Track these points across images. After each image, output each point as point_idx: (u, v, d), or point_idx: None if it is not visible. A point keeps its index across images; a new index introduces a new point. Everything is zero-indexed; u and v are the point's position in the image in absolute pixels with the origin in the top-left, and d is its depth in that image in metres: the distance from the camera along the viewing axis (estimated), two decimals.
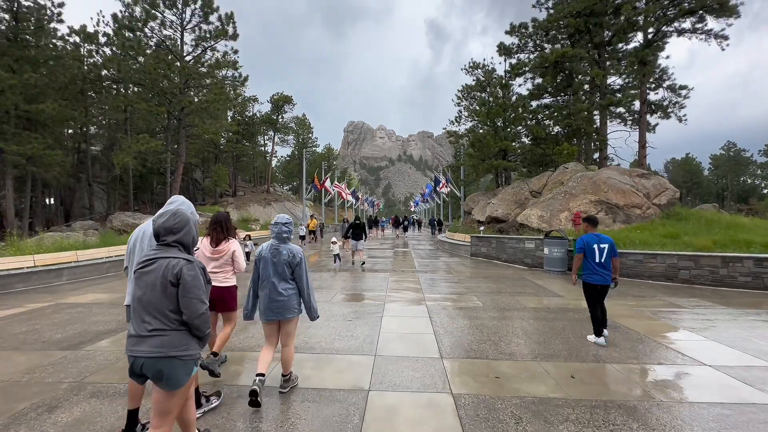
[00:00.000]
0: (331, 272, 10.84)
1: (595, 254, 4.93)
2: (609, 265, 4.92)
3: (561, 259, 10.66)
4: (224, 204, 31.60)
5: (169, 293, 1.96)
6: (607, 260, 4.90)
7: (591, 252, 4.95)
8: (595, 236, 5.03)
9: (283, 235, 3.34)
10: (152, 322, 1.94)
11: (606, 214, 13.28)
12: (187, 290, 1.95)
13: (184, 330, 2.00)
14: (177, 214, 2.11)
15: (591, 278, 4.97)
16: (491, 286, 8.85)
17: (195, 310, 1.96)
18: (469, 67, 26.15)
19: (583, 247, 5.01)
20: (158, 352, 1.90)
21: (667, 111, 21.78)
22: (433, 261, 13.70)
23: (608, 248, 4.92)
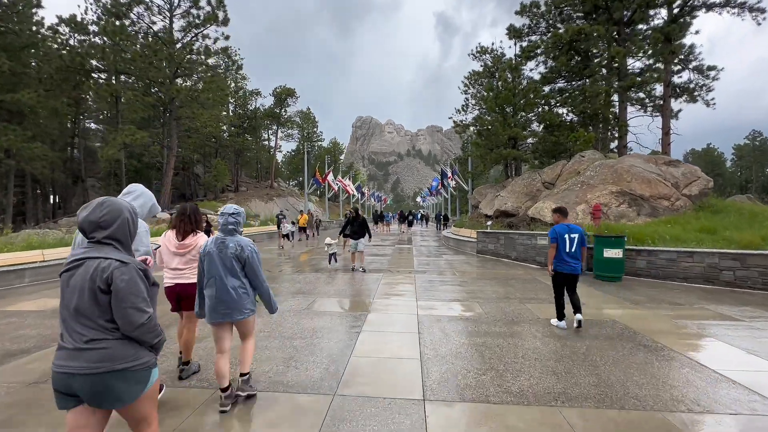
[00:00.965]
0: (316, 273, 9.72)
1: (566, 244, 5.03)
2: (579, 255, 5.07)
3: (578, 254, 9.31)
4: (224, 199, 30.83)
5: (101, 301, 1.67)
6: (577, 250, 5.05)
7: (563, 242, 5.05)
8: (566, 226, 5.12)
9: (230, 227, 3.02)
10: (87, 333, 1.66)
11: (629, 206, 11.84)
12: (120, 299, 1.66)
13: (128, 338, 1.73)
14: (105, 205, 1.74)
15: (562, 267, 5.09)
16: (498, 290, 7.61)
17: (132, 322, 1.68)
18: (476, 52, 24.65)
19: (556, 237, 5.09)
20: (98, 367, 1.62)
21: (694, 94, 19.97)
22: (434, 259, 12.48)
23: (578, 238, 5.04)
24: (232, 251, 2.96)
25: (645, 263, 8.86)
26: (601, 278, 8.66)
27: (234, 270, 2.98)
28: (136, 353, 1.72)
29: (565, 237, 5.05)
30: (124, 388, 1.67)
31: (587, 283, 8.35)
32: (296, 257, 13.34)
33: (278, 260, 12.47)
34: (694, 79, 20.14)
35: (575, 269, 5.05)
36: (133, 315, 1.67)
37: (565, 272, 5.09)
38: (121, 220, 1.75)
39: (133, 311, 1.67)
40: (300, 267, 10.90)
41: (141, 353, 1.74)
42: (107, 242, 1.73)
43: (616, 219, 11.71)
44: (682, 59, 20.02)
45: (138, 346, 1.74)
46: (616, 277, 8.51)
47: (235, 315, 2.98)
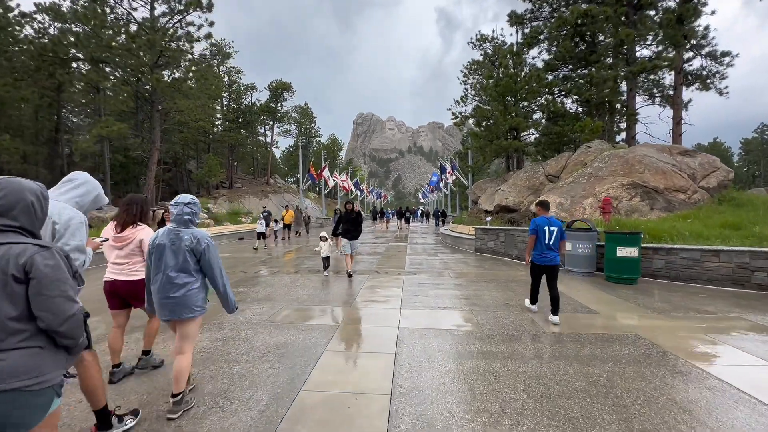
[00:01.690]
0: (293, 275, 8.76)
1: (545, 236, 5.10)
2: (557, 247, 5.14)
3: (588, 257, 8.32)
4: (216, 196, 29.93)
5: (12, 294, 1.40)
6: (555, 242, 5.12)
7: (542, 234, 5.11)
8: (546, 219, 5.20)
9: (185, 218, 2.82)
10: None
11: (641, 199, 10.82)
12: (44, 285, 1.43)
13: (33, 347, 1.44)
14: (1, 186, 1.50)
15: (540, 259, 5.17)
16: (495, 295, 6.63)
17: (61, 312, 1.46)
18: (476, 41, 23.55)
19: (536, 229, 5.16)
20: None
21: (707, 82, 18.85)
22: (428, 258, 11.50)
23: (557, 231, 5.12)
24: (187, 243, 2.74)
25: (663, 263, 7.85)
26: (613, 280, 7.67)
27: (186, 264, 2.77)
28: (39, 366, 1.45)
29: (545, 229, 5.13)
30: (14, 413, 1.37)
31: (598, 285, 7.36)
32: (277, 258, 12.39)
33: (256, 260, 11.52)
34: (707, 66, 19.01)
35: (553, 260, 5.15)
36: (63, 304, 1.48)
37: (542, 263, 5.19)
38: (23, 204, 1.53)
39: (63, 300, 1.48)
40: (278, 268, 9.94)
41: (45, 366, 1.47)
42: (8, 229, 1.49)
43: (627, 214, 10.69)
44: (695, 45, 18.88)
45: (42, 357, 1.46)
46: (631, 279, 7.52)
47: (183, 313, 2.76)
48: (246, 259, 11.78)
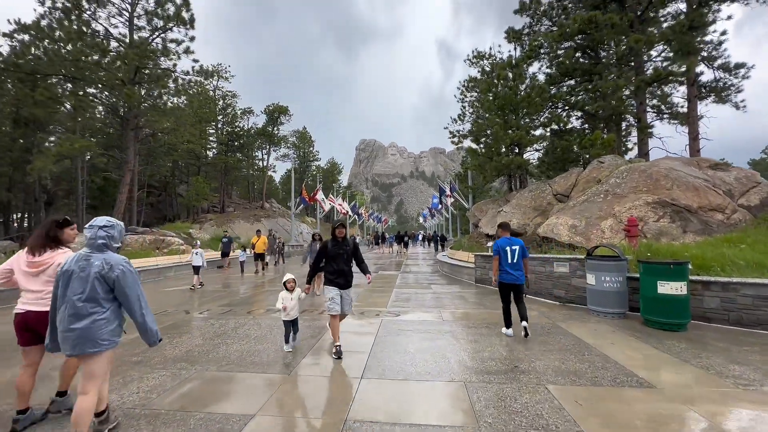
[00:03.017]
0: (238, 318, 6.97)
1: (507, 256, 5.35)
2: (520, 266, 5.37)
3: (618, 294, 6.50)
4: (202, 220, 28.43)
5: None
6: (518, 261, 5.35)
7: (504, 254, 5.37)
8: (507, 240, 5.46)
9: (98, 242, 2.64)
10: None
11: (671, 220, 9.08)
12: None
13: None
14: None
15: (505, 278, 5.37)
16: (500, 352, 4.80)
17: None
18: (473, 58, 22.63)
19: (498, 250, 5.43)
20: None
21: (722, 94, 17.51)
22: (419, 293, 9.66)
23: (519, 250, 5.38)
24: (97, 270, 2.55)
25: (719, 302, 6.02)
26: (654, 325, 5.82)
27: (94, 293, 2.54)
28: None
29: (506, 249, 5.37)
30: None
31: (636, 333, 5.51)
32: (234, 293, 10.60)
33: (195, 300, 9.75)
34: (720, 78, 17.74)
35: (517, 279, 5.34)
36: None
37: (507, 282, 5.36)
38: None
39: None
40: (228, 310, 8.16)
41: None
42: None
43: (654, 237, 8.94)
44: (706, 57, 17.72)
45: None
46: (679, 325, 5.67)
47: (86, 347, 2.51)
48: (186, 298, 10.00)
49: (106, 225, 2.69)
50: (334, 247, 4.80)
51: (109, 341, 2.59)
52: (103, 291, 2.56)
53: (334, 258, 4.78)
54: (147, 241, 16.40)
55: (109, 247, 2.69)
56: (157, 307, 7.93)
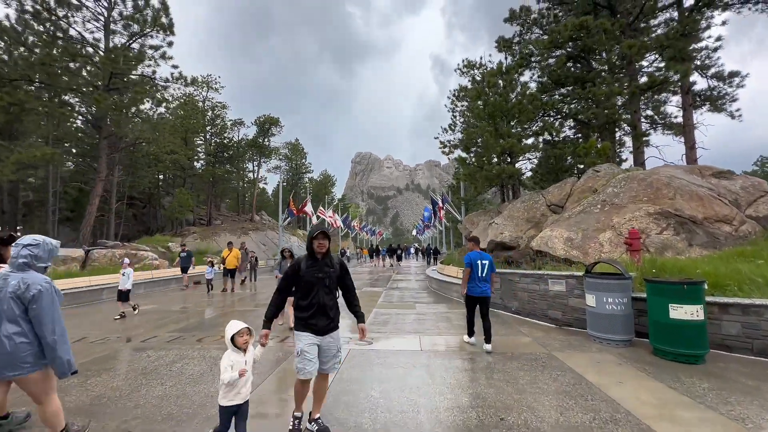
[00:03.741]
0: (184, 348, 6.01)
1: (478, 269, 5.50)
2: (489, 279, 5.56)
3: (623, 317, 5.64)
4: (185, 233, 27.35)
5: None
6: (487, 275, 5.54)
7: (476, 267, 5.51)
8: (479, 254, 5.65)
9: (20, 261, 2.56)
10: None
11: (675, 232, 8.31)
12: None
13: None
14: None
15: (474, 291, 5.52)
16: (485, 394, 3.90)
17: None
18: (464, 67, 22.21)
19: (470, 263, 5.56)
20: None
21: (717, 103, 17.10)
22: (400, 314, 8.73)
23: (488, 264, 5.56)
24: (12, 290, 2.49)
25: (739, 328, 5.18)
26: (667, 356, 4.96)
27: (11, 313, 2.47)
28: None
29: (477, 263, 5.53)
30: None
31: (646, 366, 4.63)
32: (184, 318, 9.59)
33: (146, 325, 8.75)
34: (714, 86, 17.37)
35: (485, 292, 5.51)
36: None
37: (476, 295, 5.53)
38: None
39: None
40: (177, 337, 7.18)
41: None
42: None
43: (658, 251, 8.15)
44: (699, 66, 17.39)
45: None
46: (696, 357, 4.80)
47: (7, 370, 2.45)
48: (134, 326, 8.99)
49: (30, 243, 2.63)
50: (310, 268, 3.06)
51: (32, 364, 2.50)
52: (20, 311, 2.48)
53: (310, 285, 3.04)
54: (117, 255, 15.34)
55: (32, 266, 2.62)
56: (99, 334, 6.94)
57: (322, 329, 3.06)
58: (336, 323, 3.19)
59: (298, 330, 3.08)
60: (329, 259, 3.19)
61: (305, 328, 3.05)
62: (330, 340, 3.11)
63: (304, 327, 3.05)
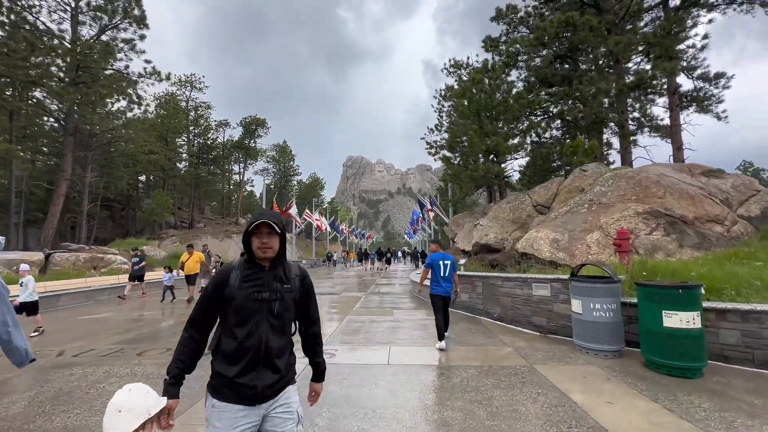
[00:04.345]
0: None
1: (441, 269, 5.75)
2: (451, 279, 5.84)
3: (612, 325, 5.10)
4: (163, 236, 26.32)
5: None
6: (449, 275, 5.79)
7: (438, 267, 5.77)
8: (441, 254, 5.88)
9: None
10: None
11: (666, 233, 7.86)
12: None
13: None
14: None
15: (437, 290, 5.78)
16: (452, 420, 3.28)
17: None
18: (450, 67, 21.86)
19: (432, 263, 5.82)
20: None
21: (704, 104, 16.95)
22: (376, 320, 8.11)
23: (450, 264, 5.80)
24: None
25: (738, 336, 4.67)
26: (661, 369, 4.42)
27: None
28: None
29: (440, 263, 5.77)
30: None
31: (638, 382, 4.07)
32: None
33: (86, 338, 7.96)
34: (701, 87, 17.24)
35: (448, 291, 5.80)
36: None
37: (440, 294, 5.77)
38: None
39: None
40: (118, 349, 6.43)
41: None
42: None
43: (648, 252, 7.69)
44: (685, 67, 17.26)
45: None
46: (694, 370, 4.27)
47: None
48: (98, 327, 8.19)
49: None
50: (247, 282, 1.71)
51: None
52: None
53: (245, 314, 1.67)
54: (82, 259, 14.40)
55: None
56: (33, 346, 6.13)
57: (264, 393, 1.63)
58: (289, 379, 1.76)
59: (215, 398, 1.63)
60: (284, 270, 1.81)
61: (230, 394, 1.61)
62: (281, 412, 1.69)
63: (229, 391, 1.61)
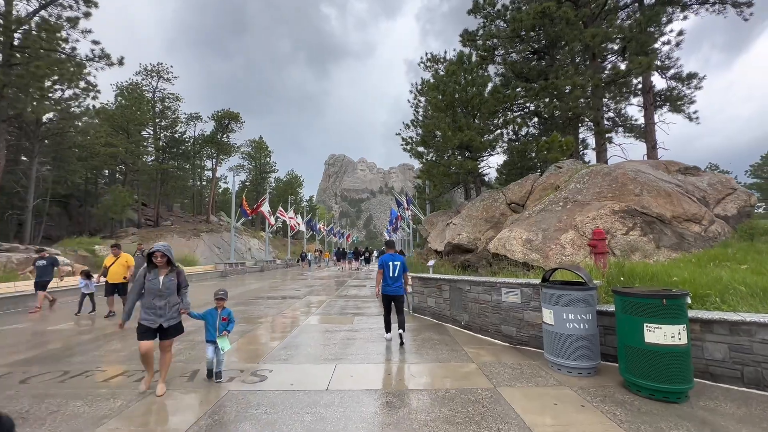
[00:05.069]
0: None
1: (389, 270, 5.93)
2: (400, 279, 6.01)
3: (586, 338, 4.46)
4: (121, 235, 24.56)
5: None
6: (399, 275, 5.98)
7: (387, 268, 5.93)
8: (391, 256, 6.04)
9: None
10: None
11: (642, 233, 7.38)
12: None
13: None
14: None
15: (386, 290, 5.95)
16: None
17: None
18: (427, 61, 21.19)
19: (382, 264, 5.99)
20: None
21: (677, 103, 16.95)
22: (331, 329, 7.27)
23: (400, 265, 5.99)
24: None
25: (725, 351, 4.11)
26: (642, 391, 3.80)
27: None
28: None
29: (389, 264, 5.93)
30: None
31: (614, 405, 3.41)
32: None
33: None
34: (673, 87, 17.24)
35: (397, 291, 5.94)
36: None
37: (388, 294, 5.95)
38: None
39: None
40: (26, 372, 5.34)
41: None
42: None
43: (624, 253, 7.18)
44: (659, 66, 17.20)
45: None
46: (678, 393, 3.65)
47: None
48: None
49: None
50: None
51: None
52: None
53: None
54: (14, 260, 12.89)
55: None
56: None
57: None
58: None
59: None
60: None
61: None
62: None
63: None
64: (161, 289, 3.90)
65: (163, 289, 3.91)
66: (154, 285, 3.90)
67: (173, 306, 4.00)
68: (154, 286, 3.90)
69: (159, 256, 3.94)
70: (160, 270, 3.98)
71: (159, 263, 3.97)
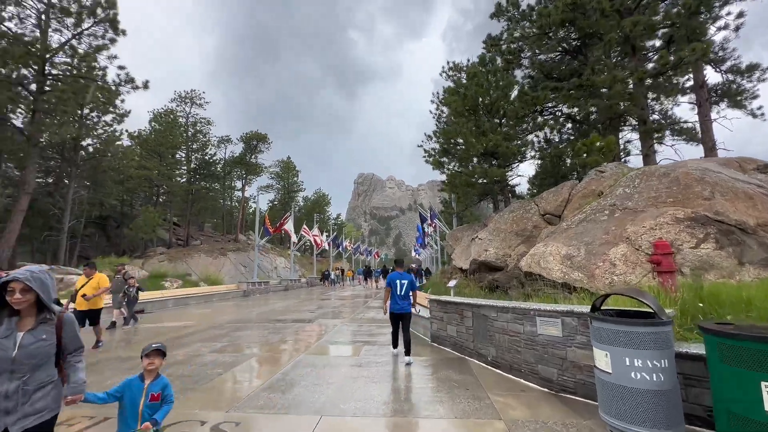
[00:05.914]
0: None
1: (397, 288, 6.05)
2: (408, 297, 6.13)
3: (662, 394, 3.14)
4: (150, 255, 25.08)
5: None
6: (406, 293, 6.08)
7: (395, 286, 6.06)
8: (399, 274, 6.21)
9: None
10: None
11: (718, 245, 5.85)
12: None
13: None
14: None
15: (393, 308, 6.08)
16: None
17: None
18: (449, 70, 20.38)
19: (390, 283, 6.13)
20: None
21: (737, 99, 14.88)
22: (331, 364, 6.23)
23: (408, 283, 6.10)
24: None
25: None
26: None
27: None
28: None
29: (396, 282, 6.07)
30: None
31: None
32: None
33: None
34: (730, 81, 15.22)
35: (404, 309, 6.07)
36: None
37: (396, 312, 6.07)
38: None
39: None
40: None
41: None
42: None
43: (695, 273, 5.67)
44: (712, 59, 15.30)
45: None
46: None
47: None
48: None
49: None
50: None
51: None
52: None
53: None
54: None
55: None
56: None
57: None
58: None
59: None
60: None
61: None
62: None
63: None
64: (14, 359, 1.93)
65: (20, 359, 1.94)
66: (1, 350, 1.93)
67: (40, 389, 2.01)
68: (1, 353, 1.92)
69: (18, 289, 1.94)
70: (22, 319, 2.03)
71: (17, 303, 1.96)
